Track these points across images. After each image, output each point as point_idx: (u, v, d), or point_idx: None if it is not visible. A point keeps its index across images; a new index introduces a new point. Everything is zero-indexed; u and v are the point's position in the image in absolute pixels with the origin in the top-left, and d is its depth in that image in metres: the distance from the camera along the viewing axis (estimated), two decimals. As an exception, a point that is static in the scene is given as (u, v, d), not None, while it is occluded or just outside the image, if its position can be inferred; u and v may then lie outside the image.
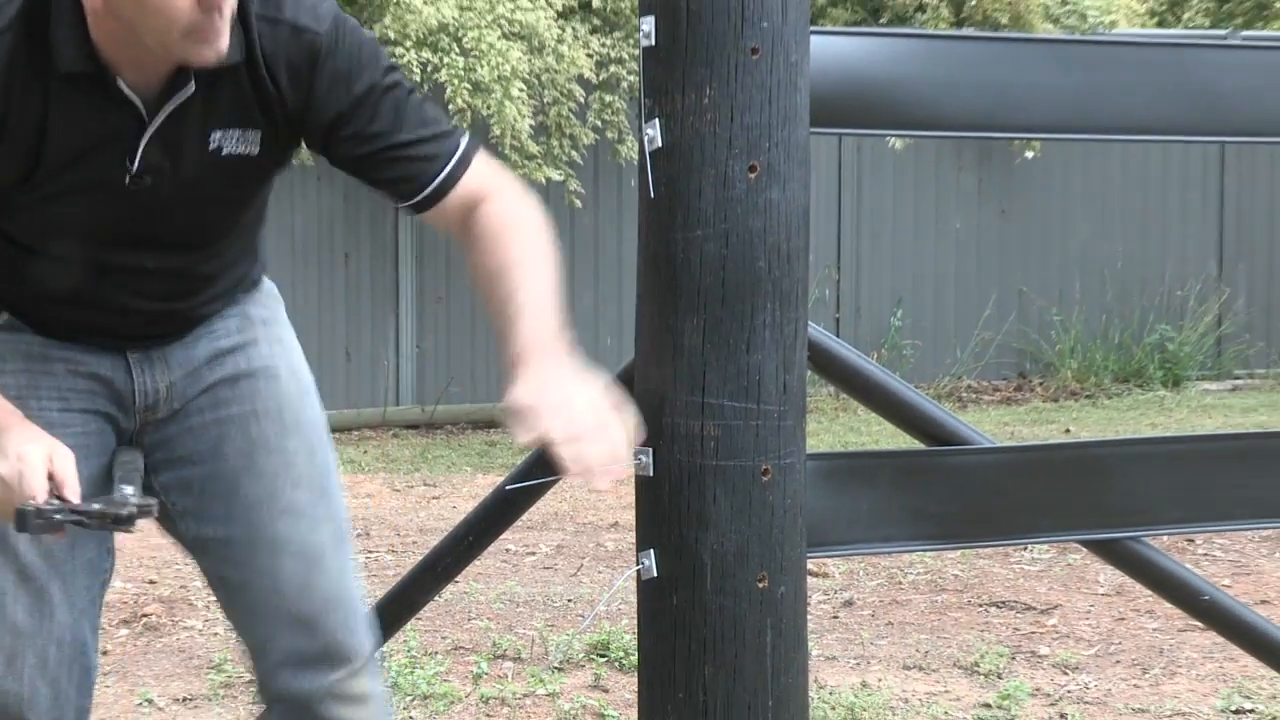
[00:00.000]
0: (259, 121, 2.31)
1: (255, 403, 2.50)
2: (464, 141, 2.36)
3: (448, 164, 2.33)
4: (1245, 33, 12.46)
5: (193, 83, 2.26)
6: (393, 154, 2.32)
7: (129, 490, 2.33)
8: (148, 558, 6.10)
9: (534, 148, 9.09)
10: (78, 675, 2.46)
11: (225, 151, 2.31)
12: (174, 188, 2.32)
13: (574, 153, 9.44)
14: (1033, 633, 5.33)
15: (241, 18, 2.26)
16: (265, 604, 2.47)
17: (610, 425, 2.10)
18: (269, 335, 2.55)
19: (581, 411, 2.09)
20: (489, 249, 2.32)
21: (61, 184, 2.31)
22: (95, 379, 2.46)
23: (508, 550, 6.41)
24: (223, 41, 2.20)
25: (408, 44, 8.78)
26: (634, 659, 2.76)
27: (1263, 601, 5.63)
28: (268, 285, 2.62)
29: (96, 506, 2.19)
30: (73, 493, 2.19)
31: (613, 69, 9.50)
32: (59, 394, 2.44)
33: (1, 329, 2.47)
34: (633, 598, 2.28)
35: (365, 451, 9.13)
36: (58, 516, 2.16)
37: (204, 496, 2.49)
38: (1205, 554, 6.41)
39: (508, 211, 2.34)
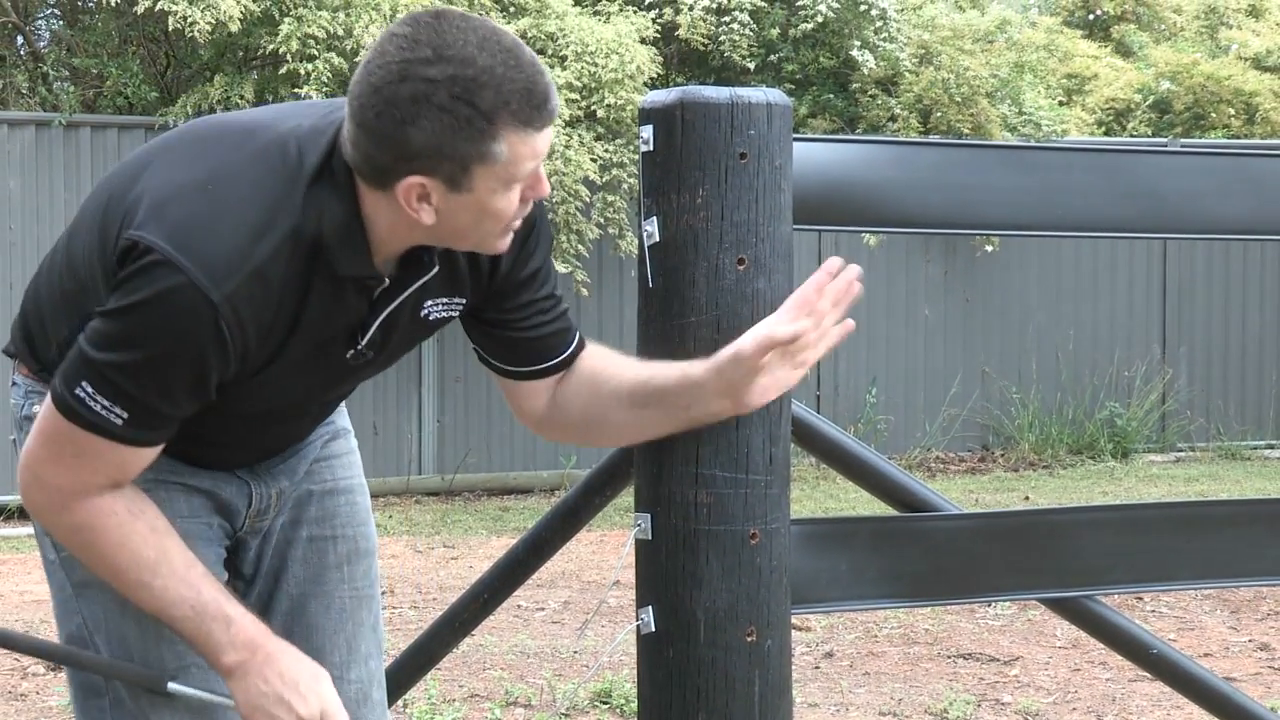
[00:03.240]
0: (466, 287, 2.18)
1: (335, 526, 2.39)
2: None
3: (575, 330, 2.27)
4: (1184, 140, 12.53)
5: (436, 264, 2.12)
6: (547, 310, 2.22)
7: None
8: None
9: (545, 242, 9.10)
10: None
11: (432, 318, 2.19)
12: (382, 355, 2.21)
13: (580, 247, 9.47)
14: (997, 682, 5.29)
15: None
16: None
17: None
18: (350, 446, 2.45)
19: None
20: (608, 375, 2.22)
21: (284, 370, 2.14)
22: (210, 495, 2.31)
23: (519, 606, 6.37)
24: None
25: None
26: (634, 706, 2.73)
27: (1205, 654, 5.60)
28: None
29: None
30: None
31: (615, 172, 9.54)
32: (189, 506, 2.29)
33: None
34: (633, 650, 2.27)
35: (390, 516, 9.10)
36: None
37: (268, 612, 2.35)
38: (1153, 611, 6.38)
39: (594, 352, 2.28)
